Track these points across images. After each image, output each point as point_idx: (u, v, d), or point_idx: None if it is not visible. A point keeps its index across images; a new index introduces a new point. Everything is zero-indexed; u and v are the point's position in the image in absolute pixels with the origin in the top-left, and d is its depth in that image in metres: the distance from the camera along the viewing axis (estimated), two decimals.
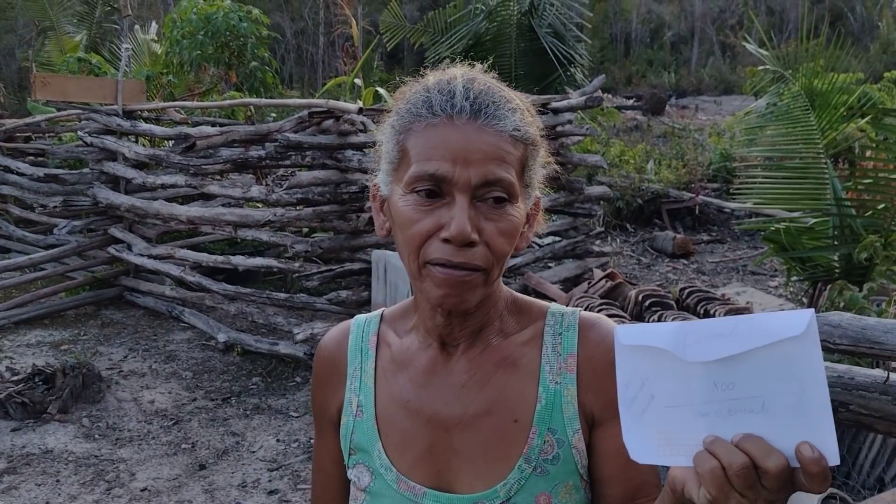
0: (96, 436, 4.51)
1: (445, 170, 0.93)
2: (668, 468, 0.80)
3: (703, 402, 0.76)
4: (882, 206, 4.85)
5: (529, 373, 1.04)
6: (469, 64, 1.04)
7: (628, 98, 21.85)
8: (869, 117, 6.19)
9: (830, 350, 1.60)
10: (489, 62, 1.08)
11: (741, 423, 0.74)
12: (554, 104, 6.10)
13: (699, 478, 0.75)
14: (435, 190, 0.94)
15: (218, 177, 7.03)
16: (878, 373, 1.51)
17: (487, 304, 1.04)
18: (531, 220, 1.05)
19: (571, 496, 1.02)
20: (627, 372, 0.80)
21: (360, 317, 1.18)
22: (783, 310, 0.77)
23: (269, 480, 4.03)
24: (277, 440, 4.45)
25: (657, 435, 0.79)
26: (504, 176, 0.94)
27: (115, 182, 6.86)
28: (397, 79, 1.06)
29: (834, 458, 0.70)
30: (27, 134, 8.99)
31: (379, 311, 1.18)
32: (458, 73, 1.00)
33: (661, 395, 0.78)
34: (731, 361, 0.74)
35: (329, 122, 5.33)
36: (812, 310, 0.73)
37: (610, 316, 3.81)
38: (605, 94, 14.19)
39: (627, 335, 0.81)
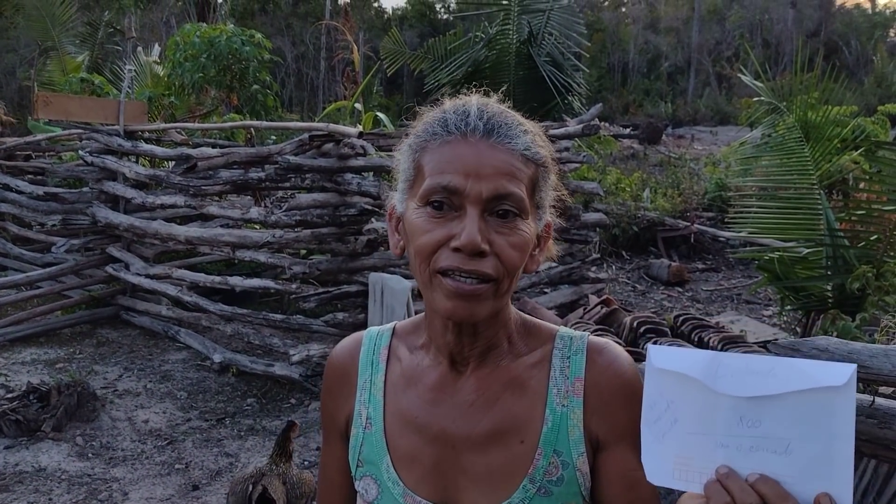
0: (90, 455, 4.50)
1: (458, 182, 0.96)
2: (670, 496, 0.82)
3: (725, 434, 0.77)
4: (875, 237, 4.90)
5: (537, 395, 1.06)
6: (484, 92, 1.08)
7: (625, 127, 21.96)
8: (863, 149, 6.27)
9: None
10: (490, 90, 1.11)
11: (761, 462, 0.75)
12: (551, 132, 6.16)
13: None
14: (447, 202, 0.97)
15: (217, 198, 7.07)
16: (864, 397, 1.54)
17: (497, 324, 1.06)
18: (542, 243, 1.08)
19: None
20: (654, 393, 0.81)
21: (373, 329, 1.20)
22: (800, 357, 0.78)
23: None
24: None
25: (675, 459, 0.80)
26: (514, 191, 0.97)
27: (114, 201, 6.90)
28: (399, 103, 1.09)
29: None
30: (27, 152, 9.03)
31: (391, 325, 1.20)
32: (474, 99, 1.04)
33: (685, 420, 0.79)
34: (763, 400, 0.75)
35: (329, 146, 5.38)
36: (855, 365, 0.73)
37: None
38: (603, 123, 14.27)
39: (660, 358, 0.81)
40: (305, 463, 4.36)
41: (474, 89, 1.08)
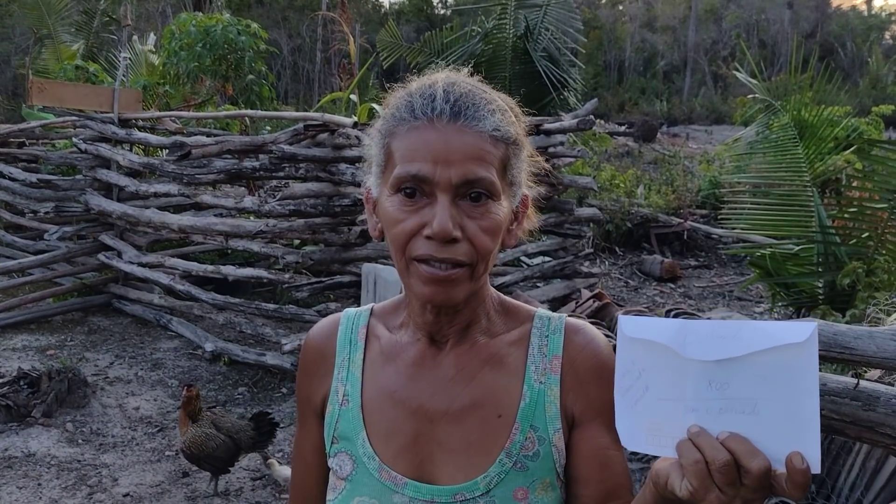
0: (80, 441, 4.50)
1: (427, 170, 0.96)
2: (644, 475, 0.83)
3: (695, 398, 0.78)
4: (866, 234, 4.93)
5: (515, 371, 1.07)
6: (453, 68, 1.07)
7: (620, 125, 22.04)
8: (854, 147, 6.31)
9: None
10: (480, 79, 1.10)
11: (730, 423, 0.76)
12: (546, 126, 6.17)
13: (682, 469, 0.77)
14: (418, 190, 0.98)
15: (211, 187, 7.06)
16: (849, 379, 1.56)
17: (475, 302, 1.07)
18: (520, 217, 1.08)
19: (547, 493, 1.04)
20: (626, 361, 0.83)
21: (350, 310, 1.20)
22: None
23: (252, 490, 4.02)
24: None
25: (647, 425, 0.81)
26: (484, 175, 0.97)
27: (107, 189, 6.88)
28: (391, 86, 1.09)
29: (816, 468, 0.72)
30: (21, 139, 8.99)
31: (369, 306, 1.20)
32: (440, 78, 1.03)
33: (656, 387, 0.81)
34: (729, 363, 0.76)
35: (324, 136, 5.37)
36: (816, 322, 0.75)
37: None
38: (598, 120, 14.31)
39: (631, 327, 0.83)
40: None
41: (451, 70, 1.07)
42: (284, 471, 3.89)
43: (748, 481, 0.74)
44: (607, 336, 1.17)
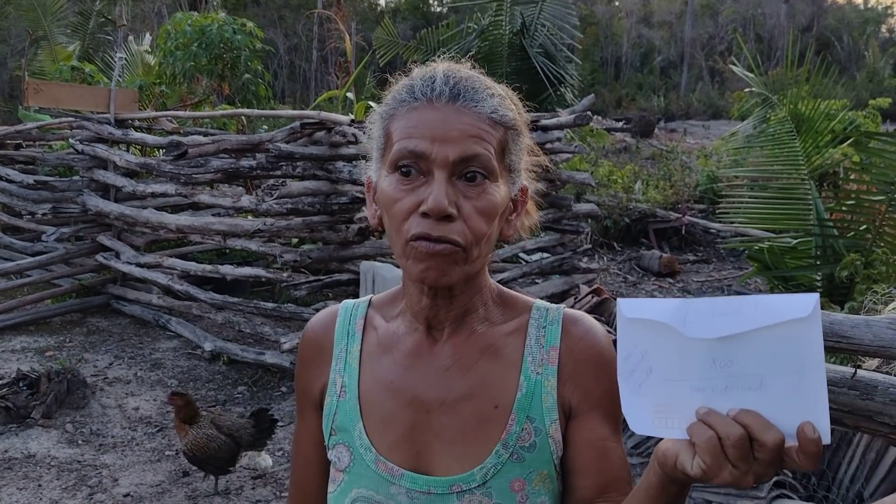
0: (80, 441, 4.49)
1: (424, 147, 0.97)
2: (643, 469, 0.82)
3: (700, 377, 0.77)
4: (864, 227, 4.94)
5: (512, 362, 1.06)
6: (454, 59, 1.08)
7: (618, 120, 22.02)
8: (851, 140, 6.31)
9: None
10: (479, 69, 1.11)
11: (737, 400, 0.76)
12: (543, 122, 6.16)
13: (696, 448, 0.77)
14: (415, 168, 0.98)
15: (208, 187, 7.04)
16: (847, 369, 1.56)
17: (472, 289, 1.06)
18: (519, 207, 1.08)
19: (544, 484, 1.04)
20: (628, 344, 0.82)
21: (348, 301, 1.20)
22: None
23: (253, 489, 4.02)
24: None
25: (654, 407, 0.80)
26: (481, 152, 0.98)
27: (104, 190, 6.87)
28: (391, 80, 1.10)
29: (827, 438, 0.72)
30: (17, 141, 8.98)
31: (367, 297, 1.20)
32: (442, 65, 1.05)
33: (660, 368, 0.80)
34: (732, 339, 0.75)
35: (321, 134, 5.37)
36: (817, 294, 0.74)
37: None
38: (595, 116, 14.30)
39: (630, 308, 0.82)
40: None
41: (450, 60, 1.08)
42: (265, 460, 4.02)
43: (762, 455, 0.74)
44: (606, 329, 1.16)
